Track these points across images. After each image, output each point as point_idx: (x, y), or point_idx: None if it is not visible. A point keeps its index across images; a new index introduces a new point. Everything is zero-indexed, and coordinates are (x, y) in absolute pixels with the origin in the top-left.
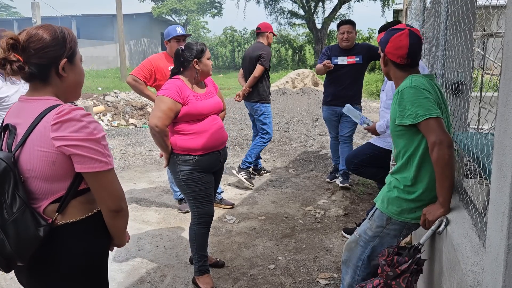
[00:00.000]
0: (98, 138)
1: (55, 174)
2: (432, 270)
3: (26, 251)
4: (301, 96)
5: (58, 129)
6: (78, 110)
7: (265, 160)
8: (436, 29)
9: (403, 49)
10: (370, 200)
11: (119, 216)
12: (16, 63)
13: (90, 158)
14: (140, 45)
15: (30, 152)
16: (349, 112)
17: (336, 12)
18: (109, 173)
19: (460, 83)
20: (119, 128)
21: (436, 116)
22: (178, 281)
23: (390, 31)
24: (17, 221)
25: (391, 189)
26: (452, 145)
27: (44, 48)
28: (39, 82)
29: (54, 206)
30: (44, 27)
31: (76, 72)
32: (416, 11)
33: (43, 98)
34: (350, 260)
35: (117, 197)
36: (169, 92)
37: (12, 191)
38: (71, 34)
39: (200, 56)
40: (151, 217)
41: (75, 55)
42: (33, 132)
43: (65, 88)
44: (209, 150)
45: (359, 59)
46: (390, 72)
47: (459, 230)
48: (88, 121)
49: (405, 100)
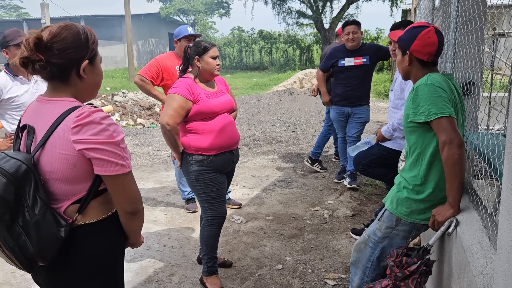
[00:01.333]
0: (117, 141)
1: (76, 176)
2: (441, 271)
3: (48, 251)
4: (309, 96)
5: (79, 132)
6: (97, 112)
7: (272, 161)
8: (445, 29)
9: (433, 46)
10: (378, 201)
11: (135, 217)
12: (39, 63)
13: (109, 161)
14: (148, 45)
15: (51, 154)
16: (357, 149)
17: (344, 12)
18: (127, 176)
19: (470, 83)
20: (127, 128)
21: (449, 115)
22: (185, 280)
23: (414, 28)
24: (39, 222)
25: (400, 190)
26: (462, 145)
27: (67, 48)
28: (59, 82)
29: (74, 207)
30: (67, 27)
31: (96, 73)
32: (425, 11)
33: (62, 100)
34: (359, 261)
35: (134, 199)
36: (179, 90)
37: (33, 193)
38: (93, 34)
39: (202, 53)
40: (159, 216)
41: (96, 56)
42: (53, 134)
43: (84, 89)
44: (223, 150)
45: (366, 59)
46: (413, 70)
47: (469, 231)
48: (107, 123)
49: (419, 97)
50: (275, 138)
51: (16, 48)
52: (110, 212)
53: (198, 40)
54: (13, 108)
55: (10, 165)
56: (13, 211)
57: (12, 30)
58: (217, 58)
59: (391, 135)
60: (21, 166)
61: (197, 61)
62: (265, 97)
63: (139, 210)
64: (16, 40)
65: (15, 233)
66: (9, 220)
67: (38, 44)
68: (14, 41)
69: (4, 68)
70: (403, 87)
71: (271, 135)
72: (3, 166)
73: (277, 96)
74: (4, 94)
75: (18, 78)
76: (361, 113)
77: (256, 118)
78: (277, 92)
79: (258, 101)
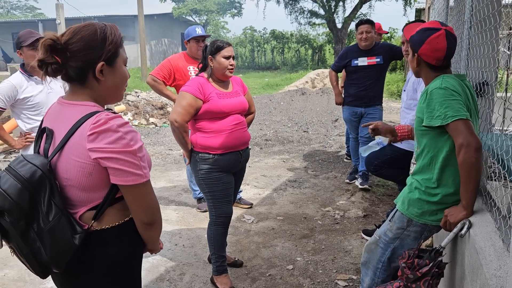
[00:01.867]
0: (134, 150)
1: (92, 184)
2: (453, 273)
3: (61, 259)
4: (321, 96)
5: (94, 140)
6: (115, 119)
7: (283, 161)
8: (459, 28)
9: (441, 52)
10: (390, 201)
11: (152, 228)
12: (53, 65)
13: (125, 171)
14: (161, 45)
15: (67, 161)
16: (369, 149)
17: (357, 11)
18: (143, 186)
19: (484, 83)
20: (140, 127)
21: (466, 118)
22: (196, 279)
23: (425, 31)
24: (53, 229)
25: (412, 190)
26: (480, 148)
27: (80, 50)
28: (78, 85)
29: (90, 213)
30: (86, 26)
31: (116, 75)
32: (439, 10)
33: (81, 104)
34: (370, 261)
35: (151, 209)
36: (190, 88)
37: (48, 199)
38: (115, 33)
39: (215, 53)
40: (170, 215)
41: (115, 57)
42: (70, 140)
43: (103, 91)
44: (229, 149)
45: (379, 59)
46: (422, 72)
47: (482, 233)
48: (124, 131)
49: (434, 101)
50: (286, 138)
51: (28, 49)
52: (127, 218)
53: (215, 40)
54: (28, 108)
55: (26, 170)
56: (28, 217)
57: (26, 31)
58: (232, 58)
59: None
60: (37, 172)
61: (210, 60)
62: (277, 97)
63: (156, 220)
64: (28, 41)
65: (30, 239)
66: (24, 225)
67: (53, 46)
68: (26, 42)
69: (20, 68)
70: (416, 87)
71: (283, 135)
72: (19, 170)
73: (289, 96)
74: (19, 94)
75: (33, 78)
76: (374, 113)
77: (268, 118)
78: (289, 92)
79: (270, 101)
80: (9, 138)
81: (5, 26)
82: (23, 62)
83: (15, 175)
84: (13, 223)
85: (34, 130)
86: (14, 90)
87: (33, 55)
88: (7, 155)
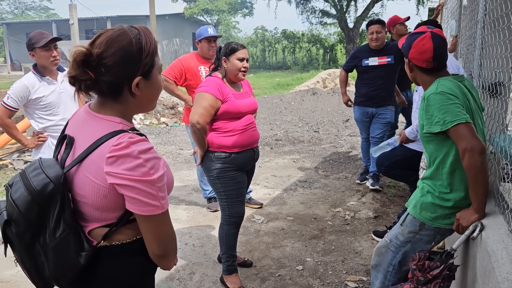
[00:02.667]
0: (153, 180)
1: (106, 206)
2: (465, 276)
3: (64, 277)
4: (332, 96)
5: (113, 164)
6: (138, 143)
7: (294, 161)
8: (473, 27)
9: (428, 53)
10: (402, 203)
11: (164, 260)
12: (86, 82)
13: (141, 201)
14: (172, 45)
15: (83, 178)
16: (380, 150)
17: (369, 11)
18: (159, 217)
19: (498, 84)
20: (151, 127)
21: (466, 121)
22: (206, 279)
23: (411, 36)
24: (59, 247)
25: (424, 194)
26: (484, 151)
27: (116, 65)
28: (109, 99)
29: (101, 230)
30: (119, 36)
31: (152, 87)
32: (452, 9)
33: (108, 119)
34: (380, 265)
35: (164, 242)
36: (209, 89)
37: (58, 215)
38: (151, 42)
39: (229, 54)
40: (180, 215)
41: (152, 69)
42: (88, 157)
43: (136, 106)
44: (244, 147)
45: (390, 59)
46: (417, 77)
47: (494, 236)
48: (146, 158)
49: (432, 107)
50: (297, 138)
51: (41, 50)
52: (140, 236)
53: (229, 41)
54: (41, 108)
55: (38, 181)
56: (35, 230)
57: (37, 32)
58: (246, 60)
59: (415, 136)
60: (49, 185)
61: (224, 62)
62: (287, 96)
63: (169, 253)
64: (41, 42)
65: (34, 253)
66: (30, 238)
67: (86, 61)
68: (39, 43)
69: (32, 68)
70: None
71: (293, 135)
72: (32, 180)
73: (300, 96)
74: (32, 94)
75: (45, 78)
76: (386, 113)
77: (279, 117)
78: (299, 92)
79: (281, 101)
80: (22, 137)
81: (20, 26)
82: (35, 62)
83: (27, 185)
84: (19, 235)
85: (47, 129)
86: (27, 91)
87: (46, 56)
88: (21, 154)
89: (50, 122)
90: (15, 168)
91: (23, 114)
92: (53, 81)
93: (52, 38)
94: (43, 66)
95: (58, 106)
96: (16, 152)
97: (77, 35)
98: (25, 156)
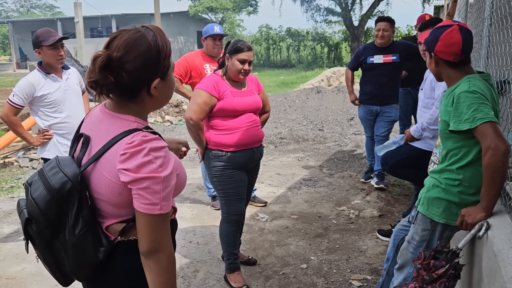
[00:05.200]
0: (159, 177)
1: (121, 202)
2: (470, 276)
3: (83, 272)
4: (336, 95)
5: (125, 161)
6: (151, 142)
7: (298, 159)
8: (479, 25)
9: (457, 46)
10: (406, 201)
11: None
12: (107, 86)
13: (143, 196)
14: (177, 43)
15: (99, 176)
16: (385, 148)
17: (374, 9)
18: (155, 218)
19: (505, 82)
20: (155, 124)
21: (495, 121)
22: (210, 277)
23: (437, 29)
24: (78, 244)
25: (430, 189)
26: (508, 152)
27: (137, 70)
28: (126, 100)
29: (119, 226)
30: (137, 41)
31: (168, 87)
32: (458, 7)
33: (123, 118)
34: (404, 266)
35: (153, 245)
36: (205, 86)
37: (76, 212)
38: (166, 44)
39: (233, 53)
40: (185, 213)
41: (168, 70)
42: (104, 155)
43: (153, 105)
44: (242, 147)
45: (395, 57)
46: (442, 72)
47: (500, 236)
48: (156, 156)
49: (461, 105)
50: (301, 136)
51: (49, 49)
52: None
53: (238, 40)
54: (46, 105)
55: (57, 180)
56: (55, 227)
57: (44, 30)
58: (248, 63)
59: (420, 135)
60: (67, 183)
61: (227, 59)
62: (292, 95)
63: (156, 259)
64: (49, 40)
65: (55, 249)
66: (50, 235)
67: (106, 65)
68: (46, 42)
69: (37, 66)
70: (434, 85)
71: (298, 133)
72: (51, 179)
73: (304, 94)
74: (37, 91)
75: (50, 75)
76: (390, 112)
77: (283, 116)
78: (304, 90)
79: (285, 99)
80: (27, 135)
81: (25, 24)
82: (41, 60)
83: (46, 183)
84: (40, 232)
85: (52, 127)
86: (32, 88)
87: (53, 54)
88: (26, 152)
89: (55, 120)
90: (20, 165)
91: (29, 112)
92: (58, 78)
93: (61, 37)
94: (48, 64)
95: (63, 104)
96: (21, 149)
97: (82, 33)
98: (31, 154)
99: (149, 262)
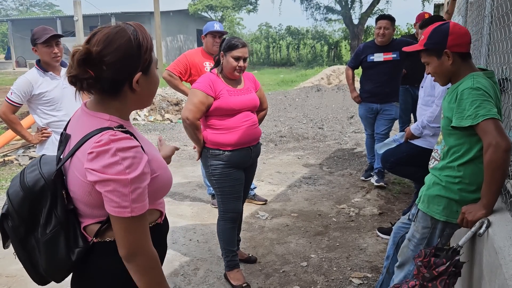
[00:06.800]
0: (126, 179)
1: (92, 202)
2: (471, 273)
3: (57, 272)
4: (336, 93)
5: (92, 160)
6: (119, 141)
7: (298, 157)
8: (479, 23)
9: (468, 35)
10: (406, 199)
11: (131, 266)
12: (88, 80)
13: (112, 200)
14: (176, 41)
15: (72, 174)
16: (385, 146)
17: (374, 7)
18: (127, 221)
19: (506, 80)
20: (155, 123)
21: (497, 118)
22: (210, 274)
23: (438, 27)
24: (49, 242)
25: (430, 187)
26: (509, 150)
27: (117, 62)
28: (108, 96)
29: (95, 226)
30: (117, 34)
31: (151, 82)
32: (458, 5)
33: (97, 116)
34: (404, 264)
35: (129, 248)
36: (201, 85)
37: (49, 211)
38: (147, 39)
39: (227, 50)
40: (185, 211)
41: (150, 65)
42: (76, 154)
43: (135, 101)
44: (239, 146)
45: (396, 55)
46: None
47: (501, 233)
48: (123, 156)
49: (464, 101)
50: (301, 134)
51: (43, 46)
52: None
53: (232, 37)
54: (44, 103)
55: (31, 178)
56: (28, 225)
57: (39, 28)
58: (243, 60)
59: (421, 132)
60: (39, 181)
61: (222, 56)
62: (292, 93)
63: (136, 262)
64: (42, 38)
65: (29, 247)
66: (24, 232)
67: (86, 60)
68: (40, 39)
69: (35, 64)
70: (434, 83)
71: (298, 131)
72: (27, 176)
73: (304, 93)
74: (34, 89)
75: (48, 73)
76: (390, 110)
77: (283, 114)
78: (304, 88)
79: (285, 97)
80: (26, 133)
81: (25, 23)
82: (39, 58)
83: (21, 181)
84: (14, 229)
85: (50, 125)
86: (30, 86)
87: (47, 52)
88: (26, 150)
89: (53, 118)
90: (20, 164)
91: (28, 111)
92: (56, 76)
93: (53, 34)
94: (45, 62)
95: (61, 102)
96: (21, 148)
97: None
98: (30, 152)
99: (130, 265)
